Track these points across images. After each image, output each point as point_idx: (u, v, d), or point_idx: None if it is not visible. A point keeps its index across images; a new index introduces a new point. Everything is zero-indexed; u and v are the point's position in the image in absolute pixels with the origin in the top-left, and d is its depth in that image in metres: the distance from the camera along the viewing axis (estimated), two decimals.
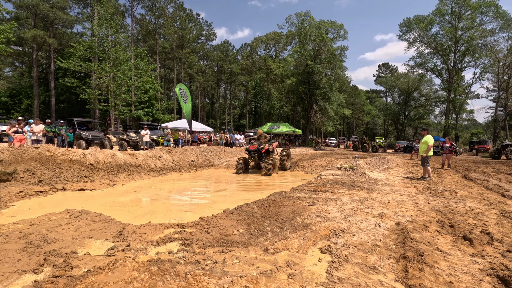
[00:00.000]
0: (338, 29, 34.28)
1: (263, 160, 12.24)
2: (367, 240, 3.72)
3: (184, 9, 37.57)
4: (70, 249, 2.94)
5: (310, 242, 3.59)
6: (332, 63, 34.81)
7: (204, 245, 3.24)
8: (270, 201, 5.25)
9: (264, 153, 12.34)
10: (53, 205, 6.17)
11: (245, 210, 4.60)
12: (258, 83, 54.54)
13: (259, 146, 12.13)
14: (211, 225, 3.85)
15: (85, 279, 2.25)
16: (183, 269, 2.58)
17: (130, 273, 2.39)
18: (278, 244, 3.44)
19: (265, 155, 12.39)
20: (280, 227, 4.06)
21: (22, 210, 5.89)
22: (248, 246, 3.32)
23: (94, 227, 3.64)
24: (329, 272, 2.79)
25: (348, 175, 8.70)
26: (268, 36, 47.05)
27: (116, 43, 25.20)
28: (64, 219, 3.83)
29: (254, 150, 12.05)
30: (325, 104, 35.44)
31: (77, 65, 22.79)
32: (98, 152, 10.72)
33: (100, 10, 25.16)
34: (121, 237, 3.33)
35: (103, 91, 24.05)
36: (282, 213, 4.66)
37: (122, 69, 23.70)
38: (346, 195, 6.29)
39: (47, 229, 3.37)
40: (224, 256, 2.97)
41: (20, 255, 2.67)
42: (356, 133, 71.74)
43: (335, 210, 5.00)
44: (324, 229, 4.08)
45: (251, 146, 12.42)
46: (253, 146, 12.31)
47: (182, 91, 15.49)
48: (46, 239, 3.10)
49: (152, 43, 37.81)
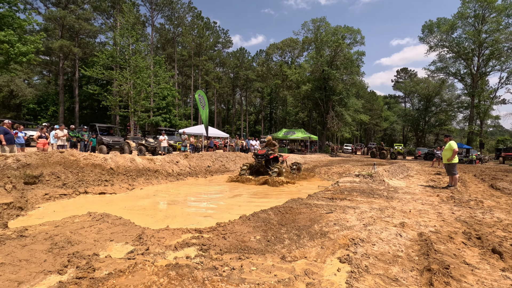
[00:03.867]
0: (354, 34, 33.96)
1: (270, 167, 11.39)
2: (388, 251, 3.59)
3: (202, 18, 38.52)
4: (92, 251, 3.02)
5: (329, 251, 3.51)
6: (348, 69, 34.41)
7: (221, 251, 3.24)
8: (286, 208, 5.20)
9: (272, 160, 11.67)
10: (76, 208, 6.39)
11: (261, 216, 4.57)
12: (274, 89, 54.69)
13: (268, 151, 11.53)
14: (228, 231, 3.85)
15: (106, 281, 2.30)
16: (201, 275, 2.58)
17: (150, 277, 2.42)
18: (296, 252, 3.39)
19: (272, 162, 11.67)
20: (297, 234, 4.00)
21: (47, 212, 6.14)
22: (265, 253, 3.29)
23: (115, 230, 3.73)
24: (349, 283, 2.71)
25: (367, 182, 8.49)
26: (283, 43, 47.24)
27: (136, 52, 26.10)
28: (86, 222, 3.95)
29: (262, 155, 11.43)
30: (341, 110, 34.97)
31: (100, 73, 23.75)
32: (118, 157, 11.05)
33: (122, 20, 26.22)
34: (140, 241, 3.39)
35: (124, 97, 24.88)
36: (299, 221, 4.59)
37: (142, 76, 24.46)
38: (365, 203, 6.13)
39: (71, 231, 3.49)
40: (241, 263, 2.96)
41: (46, 256, 2.77)
42: (374, 139, 70.14)
43: (353, 219, 4.87)
44: (343, 238, 3.98)
45: (260, 150, 11.90)
46: (261, 150, 11.80)
47: (201, 98, 15.78)
48: (70, 241, 3.21)
49: (171, 51, 38.88)
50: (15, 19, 17.95)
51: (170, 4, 33.93)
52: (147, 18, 35.02)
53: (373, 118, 62.02)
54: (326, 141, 39.72)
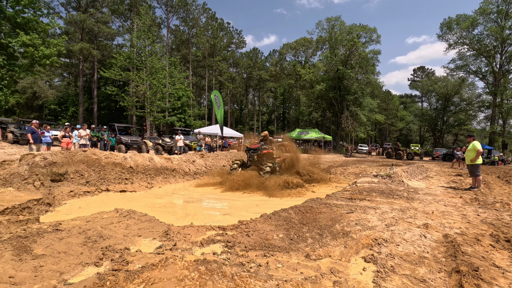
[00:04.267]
0: (370, 33, 33.38)
1: (262, 163, 10.15)
2: (413, 251, 3.55)
3: (216, 19, 38.90)
4: (123, 245, 3.14)
5: (352, 250, 3.50)
6: (364, 68, 33.87)
7: (246, 248, 3.30)
8: (306, 207, 5.20)
9: (266, 157, 10.46)
10: (99, 205, 6.61)
11: (282, 215, 4.60)
12: (287, 89, 54.50)
13: (261, 146, 10.49)
14: (251, 229, 3.90)
15: (141, 274, 2.40)
16: (229, 271, 2.64)
17: (181, 271, 2.50)
18: (320, 251, 3.40)
19: (266, 159, 10.40)
20: (319, 233, 4.01)
21: (74, 208, 6.39)
22: (289, 251, 3.32)
23: (142, 226, 3.86)
24: (376, 282, 2.70)
25: (385, 183, 8.35)
26: (297, 42, 46.99)
27: (153, 53, 26.65)
28: (115, 218, 4.10)
29: (254, 149, 10.39)
30: (356, 109, 34.46)
31: (118, 75, 24.40)
32: (137, 156, 11.33)
33: (139, 22, 26.83)
34: (167, 237, 3.49)
35: (140, 98, 25.44)
36: (320, 220, 4.59)
37: (158, 77, 24.95)
38: (385, 204, 6.05)
39: (102, 226, 3.64)
40: (267, 260, 3.00)
41: (81, 249, 2.91)
42: (389, 139, 68.69)
43: (375, 219, 4.82)
44: (366, 238, 3.96)
45: (253, 145, 10.92)
46: (255, 145, 10.80)
47: (216, 98, 15.97)
48: (101, 235, 3.35)
49: (185, 52, 39.45)
50: (39, 24, 18.70)
51: (185, 6, 34.44)
52: (163, 20, 35.71)
53: (389, 118, 60.76)
54: (341, 141, 39.22)
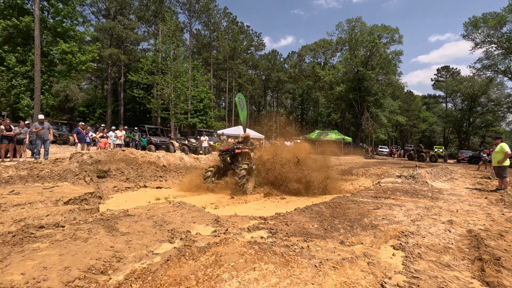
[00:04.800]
0: (392, 33, 33.00)
1: (236, 165, 8.50)
2: (438, 243, 3.90)
3: (237, 23, 39.83)
4: (184, 229, 3.72)
5: (381, 240, 3.91)
6: (385, 69, 33.51)
7: (287, 234, 3.79)
8: (335, 203, 5.63)
9: (241, 157, 8.87)
10: (142, 199, 7.30)
11: (314, 209, 5.06)
12: (305, 90, 54.59)
13: (235, 146, 9.05)
14: (288, 220, 4.39)
15: (209, 249, 2.95)
16: (278, 250, 3.15)
17: (240, 248, 3.03)
18: (352, 239, 3.84)
19: (241, 160, 8.79)
20: (350, 225, 4.43)
21: (120, 201, 7.13)
22: (325, 238, 3.78)
23: (193, 215, 4.45)
24: (405, 264, 3.11)
25: (409, 183, 8.58)
26: (316, 44, 47.06)
27: (177, 57, 27.79)
28: (169, 207, 4.72)
29: (226, 151, 8.86)
30: (377, 111, 34.12)
31: (144, 78, 25.67)
32: (169, 155, 12.13)
33: (164, 28, 28.07)
34: (218, 224, 4.05)
35: (165, 100, 26.61)
36: (349, 214, 5.01)
37: (182, 80, 26.02)
38: (410, 202, 6.35)
39: (162, 214, 4.26)
40: (308, 244, 3.48)
41: (154, 230, 3.52)
42: (411, 141, 66.93)
43: (400, 215, 5.17)
44: (393, 231, 4.34)
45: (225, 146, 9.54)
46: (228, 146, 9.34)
47: (240, 100, 16.59)
48: (164, 220, 3.96)
49: (206, 55, 40.62)
50: (76, 32, 20.16)
51: (207, 11, 35.59)
52: (185, 25, 37.03)
53: (411, 119, 59.30)
54: (360, 143, 38.88)
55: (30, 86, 17.93)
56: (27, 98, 17.88)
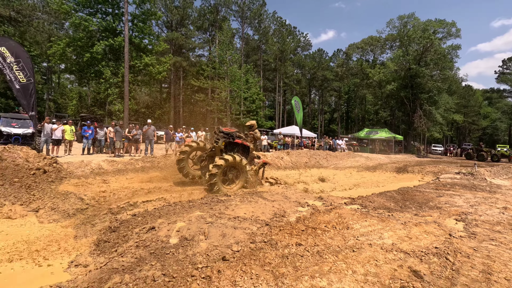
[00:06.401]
0: (448, 27, 31.75)
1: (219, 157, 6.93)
2: (492, 220, 5.21)
3: (285, 25, 41.54)
4: (303, 202, 5.58)
5: (446, 216, 5.35)
6: (440, 64, 32.38)
7: (374, 208, 5.45)
8: (403, 191, 7.09)
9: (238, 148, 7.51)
10: None
11: (388, 194, 6.61)
12: (352, 88, 54.14)
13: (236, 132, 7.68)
14: (370, 200, 6.03)
15: (331, 210, 4.76)
16: (374, 213, 4.83)
17: (349, 211, 4.79)
18: (423, 213, 5.35)
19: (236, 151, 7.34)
20: (419, 206, 5.92)
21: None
22: (403, 211, 5.36)
23: (301, 194, 6.31)
24: (465, 228, 4.58)
25: (468, 179, 9.51)
26: (364, 42, 46.58)
27: (233, 62, 30.37)
28: (280, 189, 6.64)
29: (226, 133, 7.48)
30: (430, 108, 33.15)
31: (205, 83, 28.66)
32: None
33: (221, 36, 30.85)
34: (322, 200, 5.85)
35: (223, 103, 29.39)
36: (417, 199, 6.46)
37: (237, 83, 28.53)
38: (469, 193, 7.50)
39: (281, 192, 6.19)
40: (392, 213, 5.10)
41: (286, 200, 5.43)
42: (469, 139, 62.12)
43: (460, 201, 6.46)
44: (454, 211, 5.72)
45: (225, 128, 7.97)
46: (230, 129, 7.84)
47: (296, 103, 18.34)
48: (286, 196, 5.87)
49: (255, 58, 42.96)
50: (154, 46, 23.65)
51: (259, 17, 37.84)
52: (237, 30, 39.71)
53: (469, 116, 55.23)
54: (412, 141, 37.91)
55: (121, 94, 21.69)
56: (118, 104, 21.72)
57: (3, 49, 8.07)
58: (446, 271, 2.92)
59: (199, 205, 4.82)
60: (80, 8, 21.50)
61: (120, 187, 7.25)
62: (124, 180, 8.21)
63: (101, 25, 21.39)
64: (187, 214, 4.24)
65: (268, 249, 3.13)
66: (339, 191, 8.53)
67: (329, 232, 3.77)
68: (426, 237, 3.95)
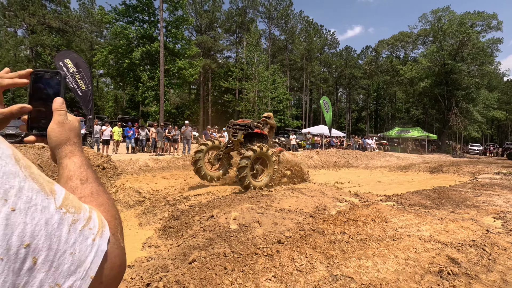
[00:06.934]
0: (488, 19, 29.95)
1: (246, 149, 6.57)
2: None
3: (311, 25, 41.44)
4: (340, 198, 5.95)
5: (483, 214, 5.46)
6: (478, 59, 30.65)
7: (410, 205, 5.69)
8: (439, 189, 7.20)
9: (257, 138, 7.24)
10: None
11: (423, 193, 6.78)
12: (381, 86, 52.60)
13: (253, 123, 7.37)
14: (406, 197, 6.26)
15: (368, 206, 5.10)
16: (411, 210, 5.10)
17: (386, 207, 5.10)
18: (460, 211, 5.50)
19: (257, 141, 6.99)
20: (455, 204, 6.05)
21: None
22: (439, 209, 5.56)
23: (336, 191, 6.68)
24: (503, 226, 4.72)
25: (509, 180, 9.27)
26: (394, 38, 45.09)
27: (260, 63, 30.96)
28: (317, 187, 7.05)
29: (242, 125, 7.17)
30: (468, 105, 31.48)
31: (234, 85, 29.52)
32: (286, 152, 14.84)
33: (249, 37, 31.55)
34: (358, 197, 6.18)
35: (251, 103, 30.10)
36: (453, 198, 6.56)
37: (265, 84, 29.08)
38: (509, 194, 7.40)
39: (319, 189, 6.60)
40: (428, 210, 5.33)
41: (323, 196, 5.85)
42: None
43: (499, 201, 6.46)
44: (493, 210, 5.79)
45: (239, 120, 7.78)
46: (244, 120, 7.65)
47: (325, 103, 18.48)
48: (323, 192, 6.28)
49: (282, 58, 43.28)
50: (186, 50, 24.86)
51: (286, 17, 38.16)
52: (264, 31, 40.27)
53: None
54: (447, 141, 36.21)
55: (156, 96, 23.10)
56: (154, 106, 23.16)
57: (67, 61, 9.24)
58: (482, 260, 3.21)
59: (246, 199, 5.38)
60: (120, 17, 23.18)
61: (168, 182, 8.06)
62: (170, 176, 9.05)
63: (139, 32, 22.92)
64: (238, 206, 4.81)
65: (316, 235, 3.60)
66: (372, 190, 8.74)
67: (369, 224, 4.15)
68: (463, 231, 4.19)
